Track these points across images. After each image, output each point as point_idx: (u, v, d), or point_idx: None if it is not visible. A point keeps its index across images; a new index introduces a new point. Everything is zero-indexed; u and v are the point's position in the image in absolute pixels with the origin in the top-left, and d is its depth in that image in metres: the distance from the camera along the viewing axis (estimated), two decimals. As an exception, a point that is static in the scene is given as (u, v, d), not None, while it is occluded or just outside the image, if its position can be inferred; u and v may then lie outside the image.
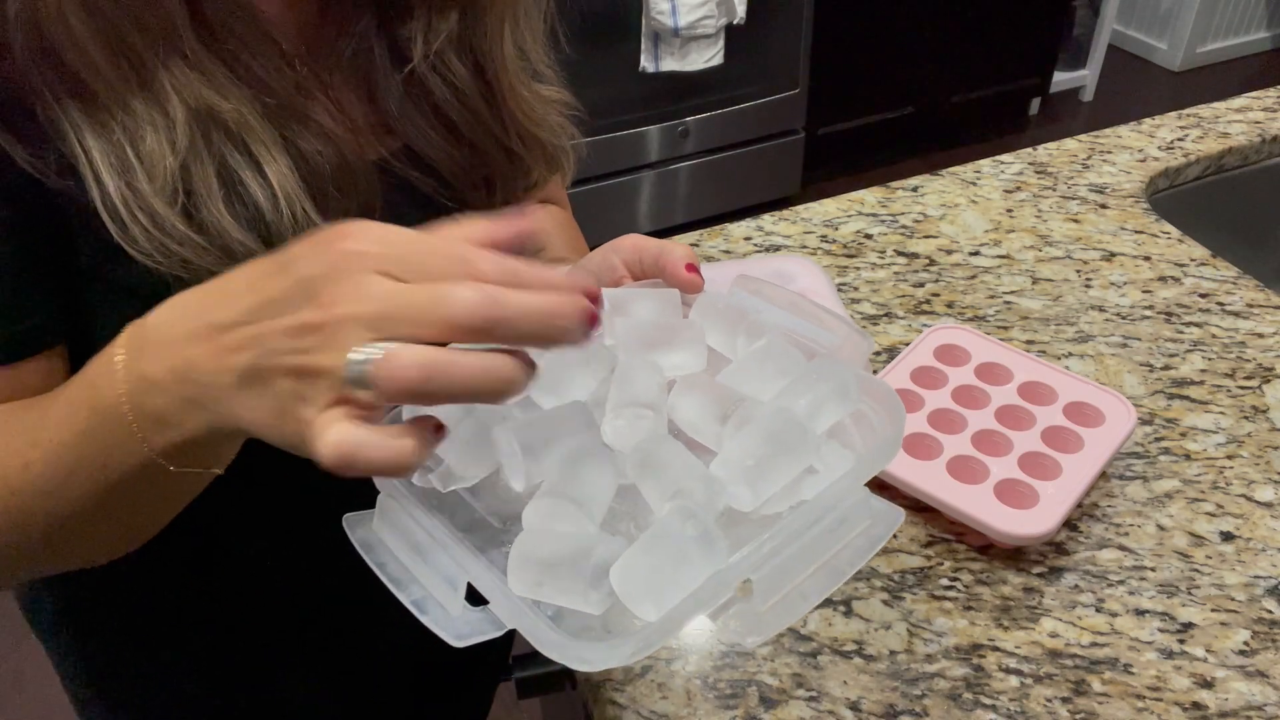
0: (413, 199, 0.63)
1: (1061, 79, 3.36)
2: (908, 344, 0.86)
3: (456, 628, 0.41)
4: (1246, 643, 0.67)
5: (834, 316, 0.50)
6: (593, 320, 0.37)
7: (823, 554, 0.42)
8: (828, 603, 0.70)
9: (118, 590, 0.69)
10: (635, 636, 0.38)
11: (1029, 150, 1.20)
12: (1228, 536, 0.74)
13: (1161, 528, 0.75)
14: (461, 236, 0.39)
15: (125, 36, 0.49)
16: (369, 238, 0.37)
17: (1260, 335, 0.92)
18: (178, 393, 0.41)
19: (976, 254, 1.03)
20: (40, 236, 0.52)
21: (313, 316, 0.37)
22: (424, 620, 0.42)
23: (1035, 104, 3.38)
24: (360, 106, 0.61)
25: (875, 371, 0.84)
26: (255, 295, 0.39)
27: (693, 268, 0.53)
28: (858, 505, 0.44)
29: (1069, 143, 1.21)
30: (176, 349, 0.41)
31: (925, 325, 0.94)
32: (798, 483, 0.44)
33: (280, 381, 0.38)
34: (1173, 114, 1.25)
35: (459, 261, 0.37)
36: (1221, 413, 0.84)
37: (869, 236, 1.06)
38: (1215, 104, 1.26)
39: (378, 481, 0.45)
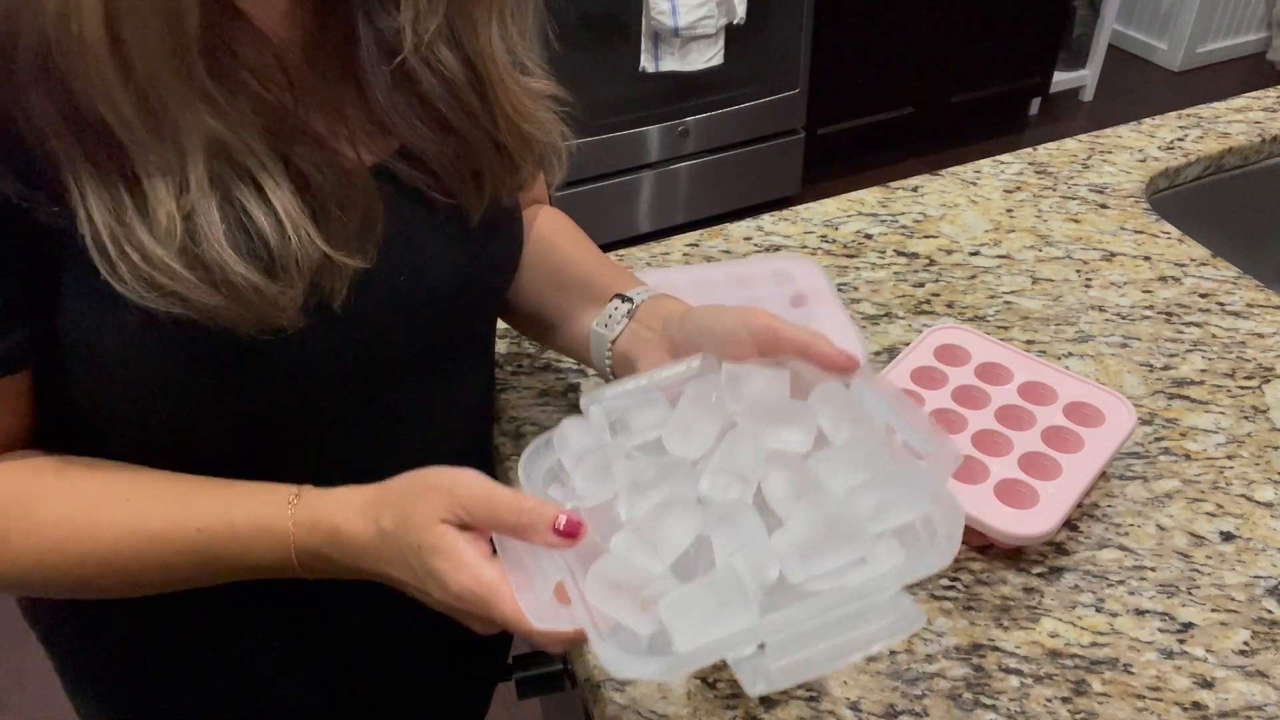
0: (409, 198, 0.63)
1: (1061, 79, 3.36)
2: (908, 344, 0.86)
3: (539, 612, 0.49)
4: (1246, 643, 0.67)
5: (931, 424, 0.55)
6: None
7: (840, 635, 0.47)
8: (828, 603, 0.70)
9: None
10: (665, 659, 0.46)
11: (1029, 150, 1.20)
12: (1228, 536, 0.74)
13: (1161, 528, 0.75)
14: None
15: (156, 86, 0.48)
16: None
17: (1260, 335, 0.92)
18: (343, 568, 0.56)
19: (976, 254, 1.03)
20: (23, 255, 0.51)
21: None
22: (518, 596, 0.50)
23: (1035, 104, 3.38)
24: (351, 107, 0.61)
25: (875, 372, 0.85)
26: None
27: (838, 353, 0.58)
28: (889, 600, 0.48)
29: (1069, 143, 1.21)
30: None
31: (925, 325, 0.94)
32: (845, 570, 0.50)
33: None
34: (1173, 114, 1.24)
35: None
36: (1221, 413, 0.84)
37: (869, 236, 1.06)
38: (1215, 104, 1.26)
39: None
